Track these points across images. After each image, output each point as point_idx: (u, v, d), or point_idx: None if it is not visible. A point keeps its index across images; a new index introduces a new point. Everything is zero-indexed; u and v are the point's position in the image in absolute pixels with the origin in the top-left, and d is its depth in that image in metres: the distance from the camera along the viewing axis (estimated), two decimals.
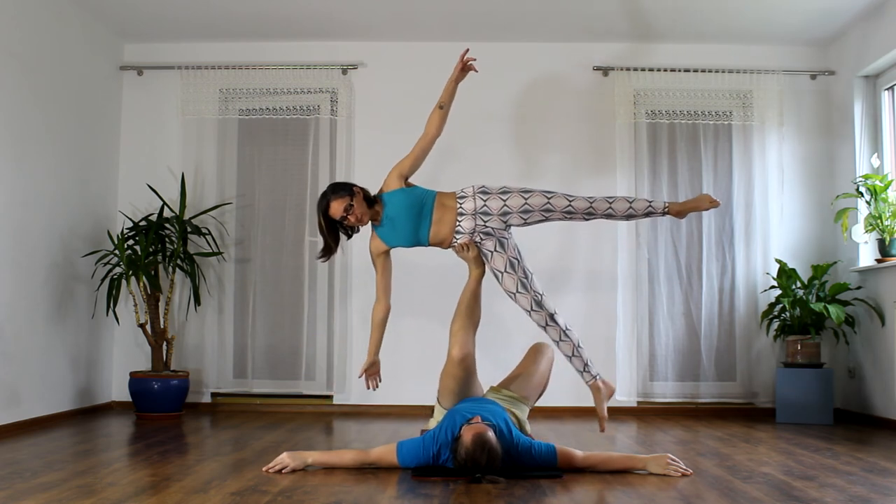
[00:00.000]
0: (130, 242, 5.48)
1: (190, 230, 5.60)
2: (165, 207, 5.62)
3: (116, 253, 5.33)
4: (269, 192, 5.91)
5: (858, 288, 5.38)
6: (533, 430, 3.91)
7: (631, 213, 3.83)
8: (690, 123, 5.85)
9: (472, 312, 3.82)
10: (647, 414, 5.63)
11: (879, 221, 5.12)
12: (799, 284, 5.41)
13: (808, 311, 5.27)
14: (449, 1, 5.25)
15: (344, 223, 3.76)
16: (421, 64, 5.76)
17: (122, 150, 5.95)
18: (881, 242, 5.17)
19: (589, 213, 3.81)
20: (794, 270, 5.41)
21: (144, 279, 5.30)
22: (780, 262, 5.49)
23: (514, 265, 3.84)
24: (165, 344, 5.47)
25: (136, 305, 5.50)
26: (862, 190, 5.24)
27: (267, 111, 5.91)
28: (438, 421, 3.53)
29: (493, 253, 3.84)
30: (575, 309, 5.56)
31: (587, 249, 5.79)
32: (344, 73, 5.88)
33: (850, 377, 5.51)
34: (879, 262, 5.18)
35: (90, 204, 5.53)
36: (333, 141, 5.88)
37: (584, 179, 5.73)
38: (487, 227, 3.80)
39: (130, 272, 5.26)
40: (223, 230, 5.85)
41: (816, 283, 5.38)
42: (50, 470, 3.34)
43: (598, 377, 3.91)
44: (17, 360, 4.66)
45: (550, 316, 3.84)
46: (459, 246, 3.82)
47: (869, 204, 5.19)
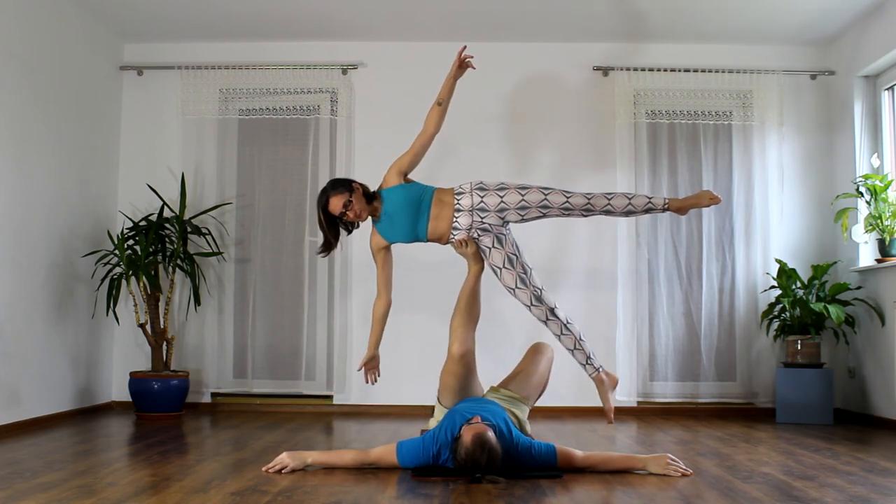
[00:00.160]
0: (130, 242, 5.48)
1: (190, 230, 5.60)
2: (165, 207, 5.62)
3: (116, 253, 5.34)
4: (269, 192, 5.91)
5: (858, 288, 5.38)
6: (533, 430, 3.91)
7: (630, 209, 3.81)
8: (690, 123, 5.85)
9: (471, 309, 3.83)
10: (647, 414, 5.63)
11: (879, 221, 5.12)
12: (799, 284, 5.41)
13: (808, 311, 5.27)
14: (449, 1, 5.25)
15: (343, 219, 3.78)
16: (421, 64, 5.76)
17: (122, 150, 5.95)
18: (881, 242, 5.17)
19: (587, 209, 3.80)
20: (794, 270, 5.41)
21: (144, 279, 5.31)
22: (780, 262, 5.49)
23: (512, 261, 3.84)
24: (165, 344, 5.47)
25: (136, 305, 5.50)
26: (862, 190, 5.24)
27: (267, 111, 5.91)
28: (438, 421, 3.53)
29: (490, 249, 3.84)
30: (575, 309, 5.54)
31: (587, 249, 5.79)
32: (344, 73, 5.88)
33: (850, 377, 5.51)
34: (879, 262, 5.18)
35: (90, 204, 5.53)
36: (333, 141, 5.88)
37: (584, 179, 5.72)
38: (484, 223, 3.80)
39: (130, 272, 5.26)
40: (223, 230, 5.85)
41: (816, 283, 5.38)
42: (50, 470, 3.34)
43: (600, 370, 3.90)
44: (17, 360, 4.67)
45: (551, 310, 3.84)
46: (457, 242, 3.83)
47: (869, 204, 5.19)
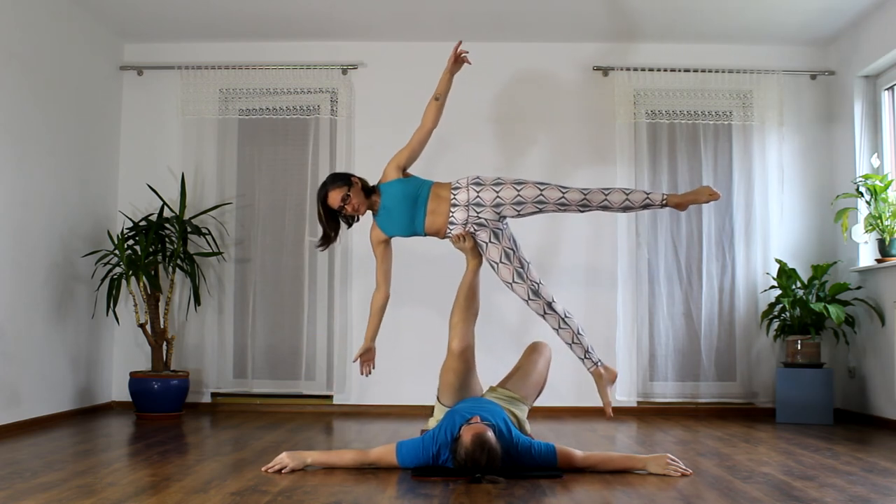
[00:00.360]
0: (130, 242, 5.48)
1: (190, 230, 5.60)
2: (165, 207, 5.62)
3: (116, 253, 5.34)
4: (269, 192, 5.91)
5: (858, 288, 5.38)
6: (533, 430, 3.91)
7: (628, 204, 3.81)
8: (690, 123, 5.85)
9: (470, 304, 3.83)
10: (647, 414, 5.63)
11: (879, 221, 5.12)
12: (799, 284, 5.41)
13: (808, 311, 5.27)
14: (449, 1, 5.25)
15: (342, 212, 3.81)
16: (421, 64, 5.74)
17: (122, 150, 5.95)
18: (881, 242, 5.17)
19: (584, 204, 3.81)
20: (794, 270, 5.41)
21: (144, 279, 5.30)
22: (780, 262, 5.49)
23: (509, 255, 3.84)
24: (165, 344, 5.47)
25: (136, 305, 5.50)
26: (862, 190, 5.24)
27: (267, 111, 5.91)
28: (438, 420, 3.53)
29: (487, 244, 3.85)
30: (575, 309, 5.48)
31: (587, 249, 5.79)
32: (344, 73, 5.88)
33: (850, 377, 5.51)
34: (879, 262, 5.18)
35: (90, 204, 5.53)
36: (333, 141, 5.88)
37: (584, 179, 5.70)
38: (480, 217, 3.81)
39: (130, 272, 5.26)
40: (223, 230, 5.85)
41: (816, 283, 5.38)
42: (50, 470, 3.34)
43: (599, 364, 3.89)
44: (17, 360, 4.66)
45: (548, 304, 3.84)
46: (455, 237, 3.84)
47: (869, 204, 5.19)
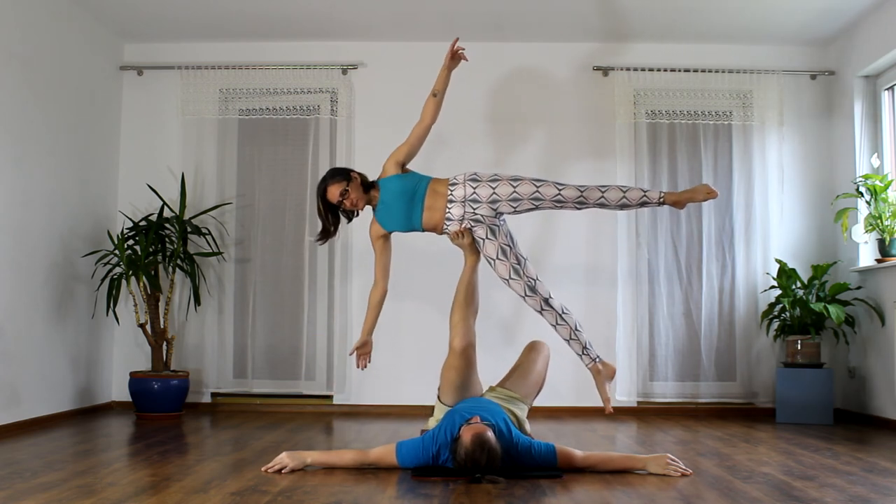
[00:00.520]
0: (130, 242, 5.48)
1: (190, 230, 5.60)
2: (165, 207, 5.62)
3: (116, 253, 5.33)
4: (269, 192, 5.91)
5: (858, 288, 5.38)
6: (533, 430, 3.90)
7: (625, 202, 3.80)
8: (690, 123, 5.85)
9: (470, 301, 3.84)
10: (647, 414, 5.63)
11: (879, 221, 5.11)
12: (799, 284, 5.41)
13: (808, 311, 5.27)
14: (449, 1, 5.25)
15: (341, 207, 3.84)
16: (421, 64, 5.72)
17: (122, 150, 5.95)
18: (881, 242, 5.17)
19: (580, 201, 3.80)
20: (794, 270, 5.41)
21: (144, 279, 5.30)
22: (780, 262, 5.49)
23: (506, 252, 3.84)
24: (165, 344, 5.47)
25: (136, 305, 5.50)
26: (862, 190, 5.24)
27: (267, 111, 5.90)
28: (438, 420, 3.53)
29: (484, 240, 3.85)
30: (575, 309, 5.50)
31: (587, 249, 5.79)
32: (344, 73, 5.88)
33: (850, 377, 5.51)
34: (879, 262, 5.18)
35: (90, 204, 5.53)
36: (333, 141, 5.88)
37: (583, 179, 5.68)
38: (477, 214, 3.82)
39: (130, 272, 5.26)
40: (223, 230, 5.85)
41: (816, 283, 5.38)
42: (50, 470, 3.34)
43: (597, 360, 3.88)
44: (17, 360, 4.66)
45: (545, 300, 3.84)
46: (454, 233, 3.86)
47: (869, 204, 5.19)
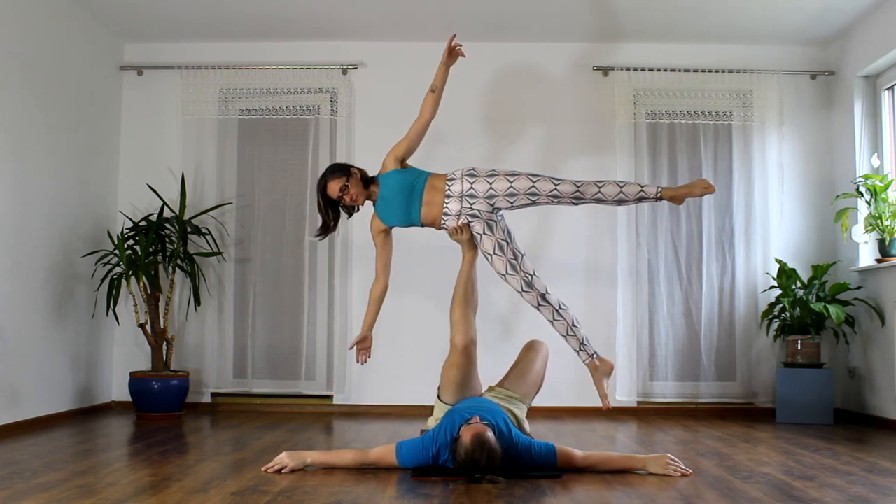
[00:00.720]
0: (130, 242, 5.48)
1: (190, 230, 5.60)
2: (165, 207, 5.62)
3: (116, 253, 5.33)
4: (269, 192, 5.91)
5: (858, 288, 5.38)
6: (533, 430, 3.90)
7: (622, 197, 3.80)
8: (690, 123, 5.85)
9: (469, 298, 3.85)
10: (647, 414, 5.63)
11: (879, 221, 5.12)
12: (799, 284, 5.41)
13: (808, 311, 5.27)
14: (449, 1, 5.25)
15: (341, 202, 3.86)
16: (421, 64, 5.71)
17: (122, 150, 5.95)
18: (881, 242, 5.17)
19: (577, 197, 3.81)
20: (794, 270, 5.41)
21: (144, 279, 5.30)
22: (780, 262, 5.49)
23: (503, 247, 3.84)
24: (165, 344, 5.47)
25: (136, 305, 5.50)
26: (862, 190, 5.24)
27: (267, 111, 5.90)
28: (438, 419, 3.53)
29: (481, 235, 3.85)
30: (575, 309, 5.51)
31: (587, 249, 5.79)
32: (344, 73, 5.88)
33: (850, 377, 5.51)
34: (879, 262, 5.18)
35: (90, 204, 5.53)
36: (333, 141, 5.88)
37: (583, 179, 5.72)
38: (474, 209, 3.83)
39: (130, 272, 5.26)
40: (223, 230, 5.85)
41: (816, 283, 5.38)
42: (50, 470, 3.34)
43: (594, 356, 3.87)
44: (17, 360, 4.66)
45: (542, 295, 3.83)
46: (452, 229, 3.87)
47: (869, 204, 5.19)
